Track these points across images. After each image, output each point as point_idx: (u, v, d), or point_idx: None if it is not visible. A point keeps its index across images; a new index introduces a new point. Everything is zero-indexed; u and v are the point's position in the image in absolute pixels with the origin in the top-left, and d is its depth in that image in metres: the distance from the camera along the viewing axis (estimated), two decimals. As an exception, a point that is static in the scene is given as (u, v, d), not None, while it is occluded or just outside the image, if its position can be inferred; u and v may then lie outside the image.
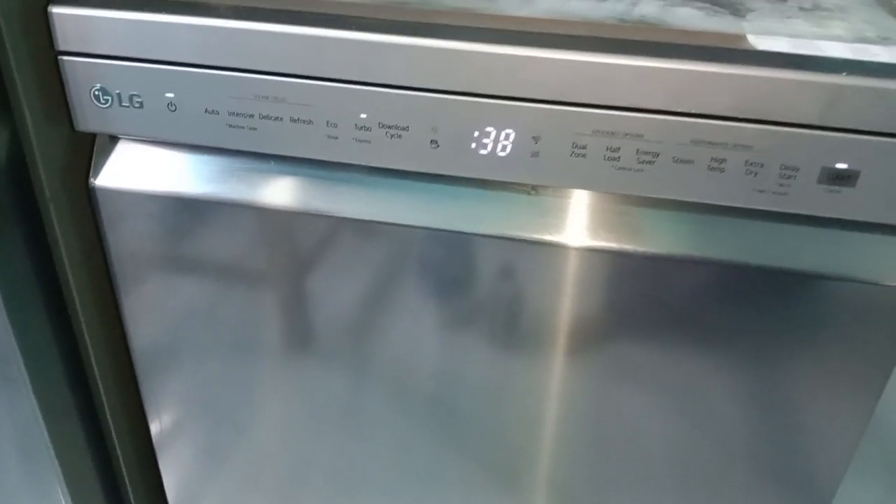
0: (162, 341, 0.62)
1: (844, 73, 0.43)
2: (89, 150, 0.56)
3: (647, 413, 0.58)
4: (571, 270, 0.52)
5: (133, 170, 0.55)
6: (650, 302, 0.52)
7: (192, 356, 0.63)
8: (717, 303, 0.51)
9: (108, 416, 0.67)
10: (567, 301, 0.53)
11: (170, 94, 0.50)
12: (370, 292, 0.56)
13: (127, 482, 0.72)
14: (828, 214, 0.47)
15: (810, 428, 0.56)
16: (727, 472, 0.60)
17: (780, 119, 0.44)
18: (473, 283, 0.54)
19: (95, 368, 0.64)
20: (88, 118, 0.52)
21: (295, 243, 0.55)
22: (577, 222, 0.51)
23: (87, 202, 0.56)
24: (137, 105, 0.51)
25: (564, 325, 0.54)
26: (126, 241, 0.57)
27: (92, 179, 0.55)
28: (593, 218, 0.51)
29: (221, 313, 0.60)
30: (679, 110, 0.45)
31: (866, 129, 0.44)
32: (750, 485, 0.60)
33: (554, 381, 0.57)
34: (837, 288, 0.49)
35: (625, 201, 0.51)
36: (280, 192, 0.53)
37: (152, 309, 0.61)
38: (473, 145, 0.48)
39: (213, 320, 0.60)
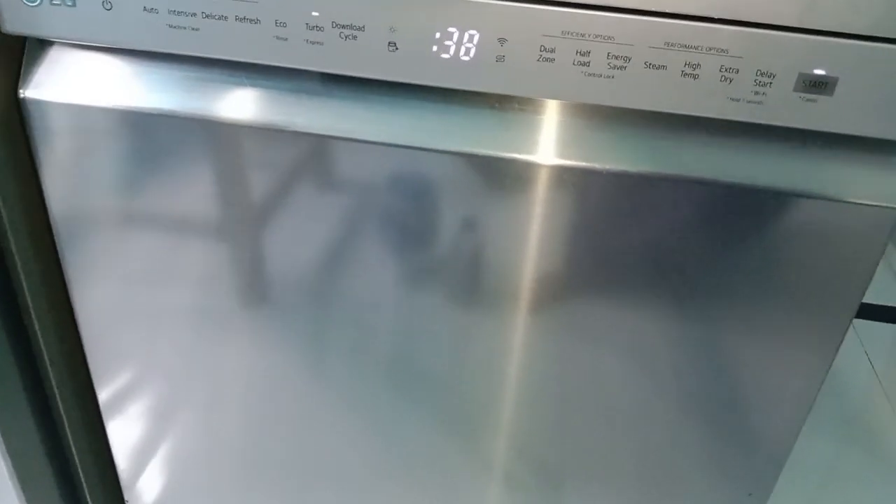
0: (103, 275, 0.59)
1: (824, -28, 0.41)
2: (19, 59, 0.51)
3: (612, 343, 0.56)
4: (537, 188, 0.49)
5: (67, 80, 0.51)
6: (619, 221, 0.50)
7: (138, 296, 0.59)
8: (686, 222, 0.49)
9: (51, 373, 0.63)
10: (533, 221, 0.51)
11: (105, -9, 0.46)
12: (325, 217, 0.53)
13: (74, 449, 0.69)
14: (803, 126, 0.45)
15: (777, 369, 0.55)
16: (687, 420, 0.59)
17: (756, 20, 0.42)
18: (435, 204, 0.51)
19: (32, 309, 0.59)
20: (16, 18, 0.48)
21: (243, 160, 0.51)
22: (544, 138, 0.49)
23: (18, 117, 0.52)
24: (70, 3, 0.47)
25: (531, 247, 0.52)
26: (60, 162, 0.53)
27: (21, 91, 0.51)
28: (560, 134, 0.49)
29: (167, 243, 0.56)
30: (652, 9, 0.42)
31: (846, 31, 0.42)
32: (711, 431, 0.59)
33: (521, 305, 0.55)
34: (805, 206, 0.48)
35: (593, 116, 0.48)
36: (227, 103, 0.50)
37: (91, 236, 0.57)
38: (435, 48, 0.45)
39: (159, 251, 0.57)
